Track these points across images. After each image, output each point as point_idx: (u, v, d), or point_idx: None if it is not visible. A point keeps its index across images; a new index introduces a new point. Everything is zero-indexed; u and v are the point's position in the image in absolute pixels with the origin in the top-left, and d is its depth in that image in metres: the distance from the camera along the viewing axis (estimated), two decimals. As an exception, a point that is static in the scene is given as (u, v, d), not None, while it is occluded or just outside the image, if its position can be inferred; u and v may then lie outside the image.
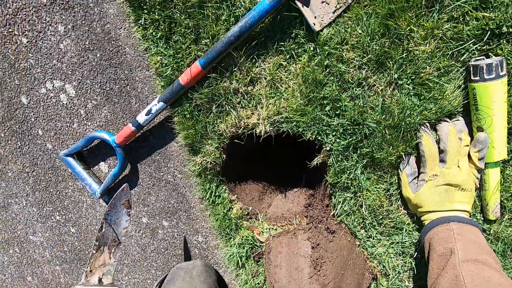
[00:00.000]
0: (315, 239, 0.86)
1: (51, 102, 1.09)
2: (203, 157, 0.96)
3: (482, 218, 0.83)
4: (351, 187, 0.87)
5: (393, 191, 0.85)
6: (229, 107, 0.89)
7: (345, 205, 0.90)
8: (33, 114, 1.13)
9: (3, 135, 1.19)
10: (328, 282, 0.80)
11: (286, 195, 1.09)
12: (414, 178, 0.81)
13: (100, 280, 0.85)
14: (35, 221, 1.33)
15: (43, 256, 1.41)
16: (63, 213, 1.27)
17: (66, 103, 1.08)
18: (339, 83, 0.79)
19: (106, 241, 0.87)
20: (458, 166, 0.75)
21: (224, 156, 0.95)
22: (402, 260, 0.91)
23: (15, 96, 1.11)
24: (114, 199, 0.87)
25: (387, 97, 0.77)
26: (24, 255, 1.44)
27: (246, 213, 1.03)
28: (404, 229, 0.88)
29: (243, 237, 1.02)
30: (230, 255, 1.08)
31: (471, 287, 0.66)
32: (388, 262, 0.92)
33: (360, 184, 0.86)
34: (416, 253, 0.87)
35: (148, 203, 1.15)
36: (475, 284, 0.66)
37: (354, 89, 0.79)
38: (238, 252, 1.04)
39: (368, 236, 0.92)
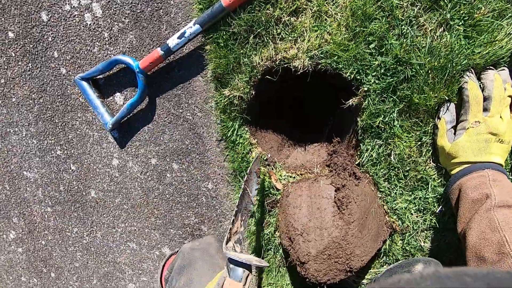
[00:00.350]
0: (340, 182, 0.83)
1: (74, 21, 1.04)
2: (232, 90, 0.92)
3: (511, 177, 0.82)
4: (383, 133, 0.85)
5: (427, 139, 0.83)
6: (268, 38, 0.86)
7: (373, 153, 0.87)
8: (51, 34, 1.07)
9: (13, 55, 1.13)
10: (352, 221, 0.77)
11: (306, 148, 1.06)
12: (451, 128, 0.79)
13: (233, 248, 0.82)
14: (33, 155, 1.26)
15: (34, 195, 1.33)
16: (65, 147, 1.21)
17: (90, 24, 1.03)
18: (389, 19, 0.77)
19: (241, 208, 0.84)
20: (500, 117, 0.75)
21: (253, 92, 0.92)
22: (422, 217, 0.89)
23: (35, 11, 1.05)
24: (252, 165, 0.86)
25: (435, 38, 0.76)
26: (14, 193, 1.36)
27: (265, 158, 1.00)
28: (430, 184, 0.86)
29: (258, 183, 0.98)
30: (242, 202, 1.04)
31: (506, 229, 0.64)
32: (408, 217, 0.89)
33: (393, 130, 0.84)
34: (440, 208, 0.86)
35: (161, 143, 1.11)
36: (510, 227, 0.65)
37: (402, 27, 0.77)
38: (251, 199, 1.00)
39: (390, 189, 0.90)
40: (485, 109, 0.75)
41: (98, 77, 1.07)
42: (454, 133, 0.79)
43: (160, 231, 1.23)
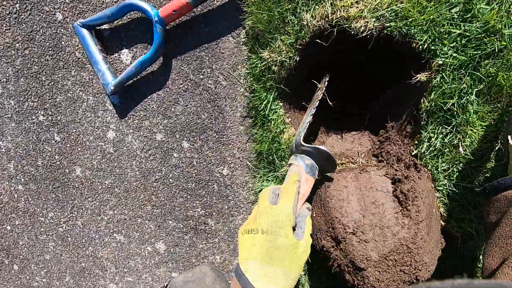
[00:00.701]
0: (400, 172, 0.68)
1: (81, -45, 0.85)
2: (271, 53, 0.76)
3: None
4: (453, 119, 0.71)
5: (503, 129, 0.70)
6: (325, -8, 0.71)
7: (437, 142, 0.73)
8: (50, -31, 0.88)
9: (-2, -8, 0.92)
10: (421, 220, 0.61)
11: (343, 136, 0.91)
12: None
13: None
14: (8, 119, 1.04)
15: (4, 169, 1.10)
16: (50, 112, 1.00)
17: (101, -39, 0.84)
18: (480, -21, 0.64)
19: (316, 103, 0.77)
20: None
21: (298, 58, 0.76)
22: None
23: None
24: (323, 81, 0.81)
25: (534, 5, 0.64)
26: (-22, 165, 1.12)
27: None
28: (499, 185, 0.73)
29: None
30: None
31: None
32: (468, 224, 0.75)
33: (466, 116, 0.70)
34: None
35: (171, 115, 0.92)
36: None
37: (496, -11, 0.64)
38: (277, 190, 0.83)
39: (451, 187, 0.75)
40: None
41: (103, 27, 0.88)
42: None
43: (156, 223, 1.03)
